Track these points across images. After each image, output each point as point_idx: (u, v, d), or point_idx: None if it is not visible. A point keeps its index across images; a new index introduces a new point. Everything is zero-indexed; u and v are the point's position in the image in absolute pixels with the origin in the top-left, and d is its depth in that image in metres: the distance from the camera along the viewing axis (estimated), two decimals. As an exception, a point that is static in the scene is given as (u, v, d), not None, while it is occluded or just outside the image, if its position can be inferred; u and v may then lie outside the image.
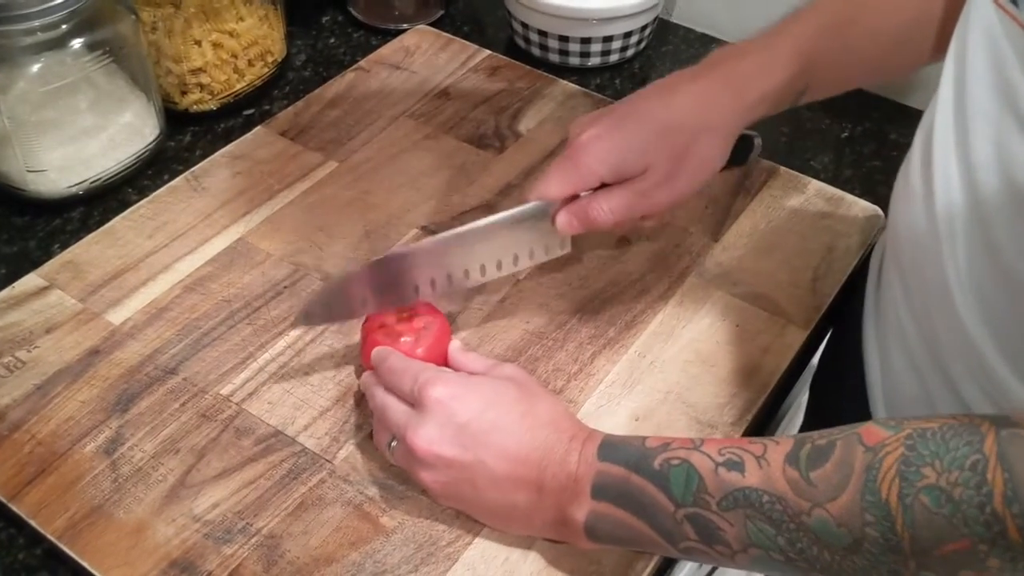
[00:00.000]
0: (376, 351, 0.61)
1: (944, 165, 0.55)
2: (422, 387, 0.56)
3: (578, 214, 0.63)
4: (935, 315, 0.57)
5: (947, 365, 0.57)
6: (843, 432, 0.47)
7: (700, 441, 0.51)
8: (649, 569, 0.57)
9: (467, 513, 0.58)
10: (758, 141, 0.68)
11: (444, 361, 0.64)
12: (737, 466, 0.49)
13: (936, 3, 0.64)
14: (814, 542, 0.46)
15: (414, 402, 0.56)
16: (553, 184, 0.63)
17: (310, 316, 0.64)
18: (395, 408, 0.57)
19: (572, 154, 0.62)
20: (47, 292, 0.71)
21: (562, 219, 0.64)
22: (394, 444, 0.57)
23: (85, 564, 0.56)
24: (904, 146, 0.88)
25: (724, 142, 0.64)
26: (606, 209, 0.63)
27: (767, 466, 0.48)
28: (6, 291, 0.71)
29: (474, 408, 0.55)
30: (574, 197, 0.64)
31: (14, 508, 0.59)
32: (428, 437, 0.54)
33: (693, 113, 0.62)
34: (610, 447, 0.54)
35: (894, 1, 0.66)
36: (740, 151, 0.66)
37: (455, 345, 0.63)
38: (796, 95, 0.66)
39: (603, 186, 0.63)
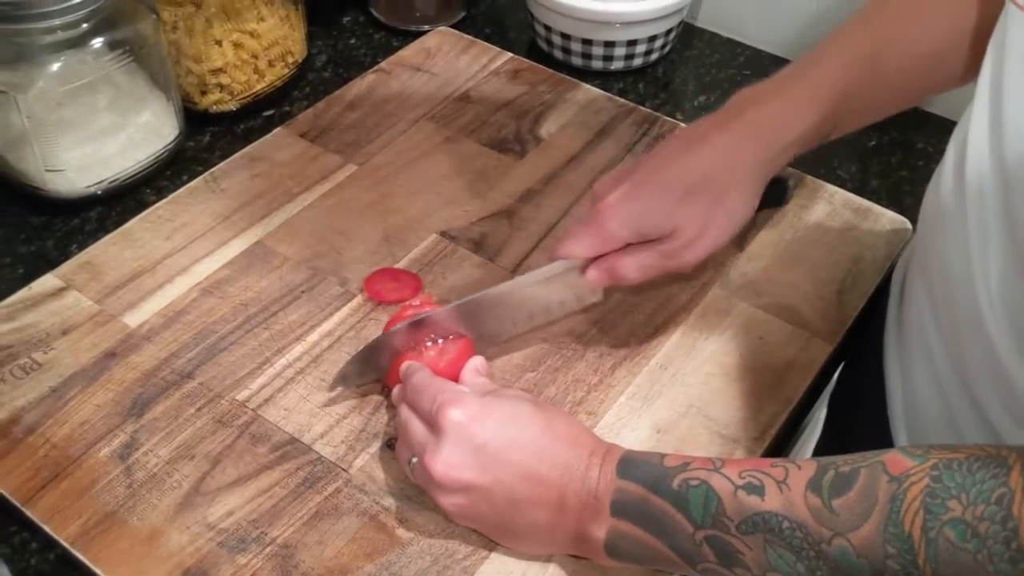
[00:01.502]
0: (405, 365, 0.61)
1: (977, 180, 0.53)
2: (439, 408, 0.55)
3: (607, 270, 0.62)
4: (963, 335, 0.56)
5: (974, 386, 0.56)
6: (867, 460, 0.46)
7: (720, 462, 0.50)
8: (668, 585, 0.57)
9: (487, 535, 0.57)
10: (792, 182, 0.66)
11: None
12: (757, 490, 0.48)
13: (966, 26, 0.62)
14: (834, 571, 0.45)
15: (432, 423, 0.55)
16: (578, 246, 0.62)
17: (346, 378, 0.63)
18: (415, 428, 0.56)
19: (596, 217, 0.61)
20: (64, 293, 0.70)
21: (592, 275, 0.63)
22: (414, 461, 0.56)
23: (98, 571, 0.56)
24: (931, 155, 0.87)
25: (752, 194, 0.62)
26: (635, 267, 0.62)
27: (788, 491, 0.47)
28: (23, 291, 0.71)
29: (491, 428, 0.54)
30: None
31: (28, 512, 0.58)
32: (446, 461, 0.54)
33: (718, 169, 0.60)
34: (629, 464, 0.53)
35: (921, 30, 0.63)
36: (775, 193, 0.64)
37: (473, 364, 0.62)
38: (823, 137, 0.64)
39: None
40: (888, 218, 0.78)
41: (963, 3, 0.62)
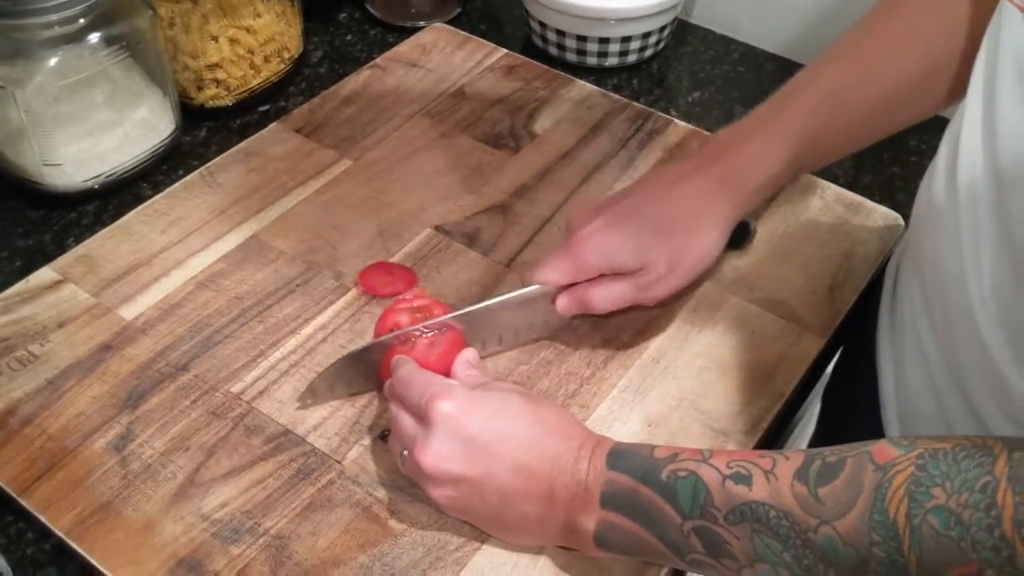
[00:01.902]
0: (394, 359, 0.61)
1: (970, 178, 0.54)
2: (428, 401, 0.55)
3: (577, 300, 0.64)
4: (955, 331, 0.56)
5: (966, 383, 0.56)
6: (854, 450, 0.46)
7: (709, 453, 0.51)
8: (663, 574, 0.57)
9: (477, 526, 0.57)
10: (754, 227, 0.69)
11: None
12: (745, 480, 0.48)
13: (952, 50, 0.62)
14: (820, 559, 0.45)
15: (421, 416, 0.56)
16: (553, 273, 0.64)
17: (315, 393, 0.64)
18: (405, 421, 0.57)
19: (572, 247, 0.63)
20: (61, 286, 0.71)
21: (562, 303, 0.65)
22: (405, 454, 0.56)
23: (93, 561, 0.56)
24: (924, 152, 0.88)
25: (722, 235, 0.64)
26: (604, 298, 0.64)
27: (775, 481, 0.47)
28: (20, 284, 0.71)
29: (480, 420, 0.54)
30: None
31: (24, 503, 0.59)
32: (435, 454, 0.54)
33: (691, 211, 0.63)
34: (619, 456, 0.53)
35: (899, 58, 0.63)
36: (738, 235, 0.67)
37: (464, 357, 0.63)
38: (793, 177, 0.66)
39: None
40: (880, 213, 0.79)
41: (950, 24, 0.62)
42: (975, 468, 0.41)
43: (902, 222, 0.78)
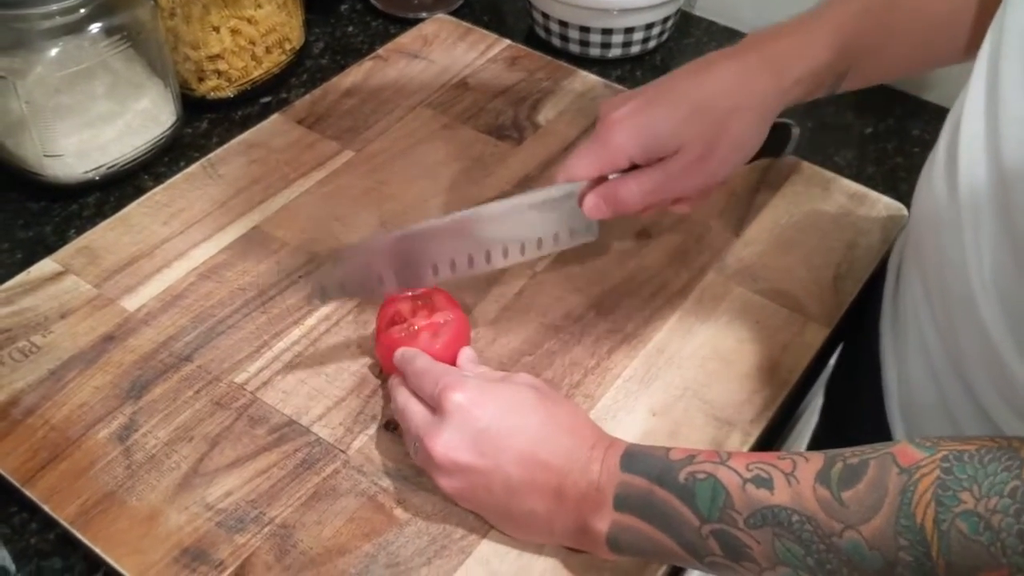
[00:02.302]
0: (402, 351, 0.60)
1: (970, 166, 0.53)
2: (443, 391, 0.55)
3: (607, 196, 0.61)
4: (957, 321, 0.56)
5: (967, 372, 0.56)
6: (876, 451, 0.45)
7: (727, 455, 0.50)
8: (663, 570, 0.57)
9: (486, 519, 0.57)
10: (796, 131, 0.65)
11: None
12: (765, 483, 0.47)
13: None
14: (844, 564, 0.44)
15: (435, 406, 0.55)
16: (582, 164, 0.61)
17: (324, 290, 0.62)
18: (416, 411, 0.57)
19: (602, 133, 0.61)
20: (62, 277, 0.71)
21: (590, 201, 0.62)
22: (417, 444, 0.56)
23: (97, 550, 0.56)
24: (927, 143, 0.88)
25: (760, 123, 0.62)
26: (636, 191, 0.61)
27: (796, 484, 0.46)
28: (21, 276, 0.71)
29: (493, 413, 0.54)
30: (603, 180, 0.62)
31: (27, 493, 0.59)
32: (446, 443, 0.54)
33: (728, 92, 0.60)
34: (633, 457, 0.52)
35: None
36: (777, 141, 0.64)
37: (466, 356, 0.62)
38: (835, 78, 0.63)
39: (633, 168, 0.62)
40: (884, 204, 0.79)
41: None
42: (1003, 472, 0.41)
43: (906, 212, 0.78)
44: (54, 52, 0.74)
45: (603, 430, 0.56)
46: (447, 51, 0.92)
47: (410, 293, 0.66)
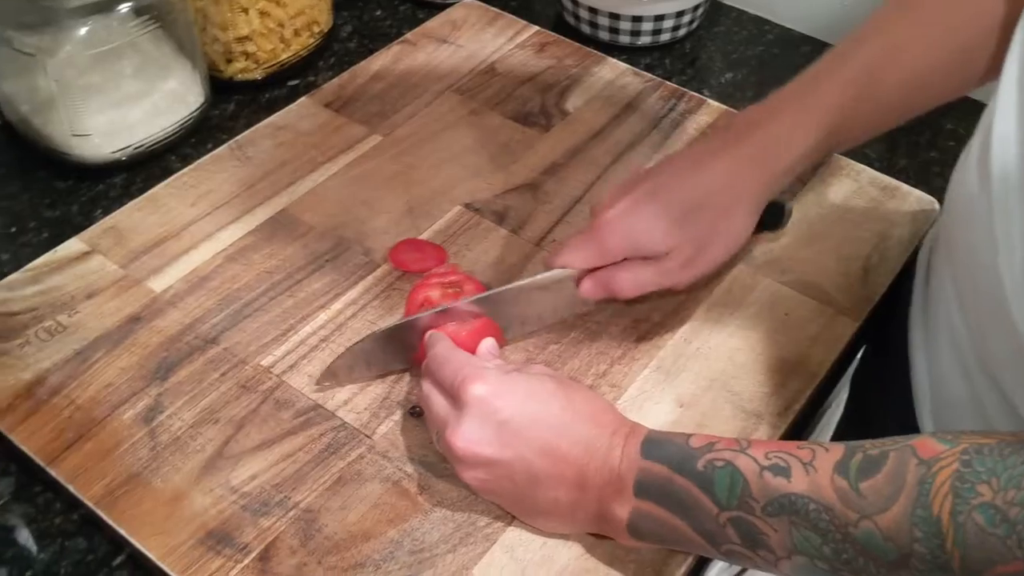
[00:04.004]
0: (429, 336, 0.60)
1: (1003, 163, 0.52)
2: (462, 383, 0.54)
3: (603, 284, 0.63)
4: (987, 319, 0.55)
5: (998, 371, 0.55)
6: (896, 443, 0.45)
7: (746, 443, 0.50)
8: (688, 561, 0.56)
9: (509, 511, 0.57)
10: (790, 207, 0.66)
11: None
12: (783, 471, 0.47)
13: (986, 29, 0.60)
14: (860, 553, 0.44)
15: (454, 397, 0.55)
16: (576, 257, 0.63)
17: (335, 375, 0.63)
18: (437, 402, 0.56)
19: (596, 230, 0.62)
20: (89, 257, 0.71)
21: (586, 287, 0.63)
22: (438, 435, 0.56)
23: (122, 531, 0.56)
24: (961, 137, 0.86)
25: (751, 216, 0.62)
26: (630, 283, 0.62)
27: (815, 473, 0.46)
28: (48, 255, 0.71)
29: (513, 404, 0.54)
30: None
31: (52, 473, 0.59)
32: (466, 436, 0.53)
33: (720, 192, 0.61)
34: (653, 444, 0.52)
35: (929, 37, 0.62)
36: (772, 216, 0.64)
37: (486, 347, 0.61)
38: (824, 155, 0.64)
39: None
40: (916, 197, 0.78)
41: (983, 3, 0.60)
42: (1022, 465, 0.41)
43: (937, 206, 0.77)
44: (83, 31, 0.74)
45: (624, 416, 0.56)
46: (475, 36, 0.92)
47: (442, 280, 0.65)
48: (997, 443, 0.42)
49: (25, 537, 0.58)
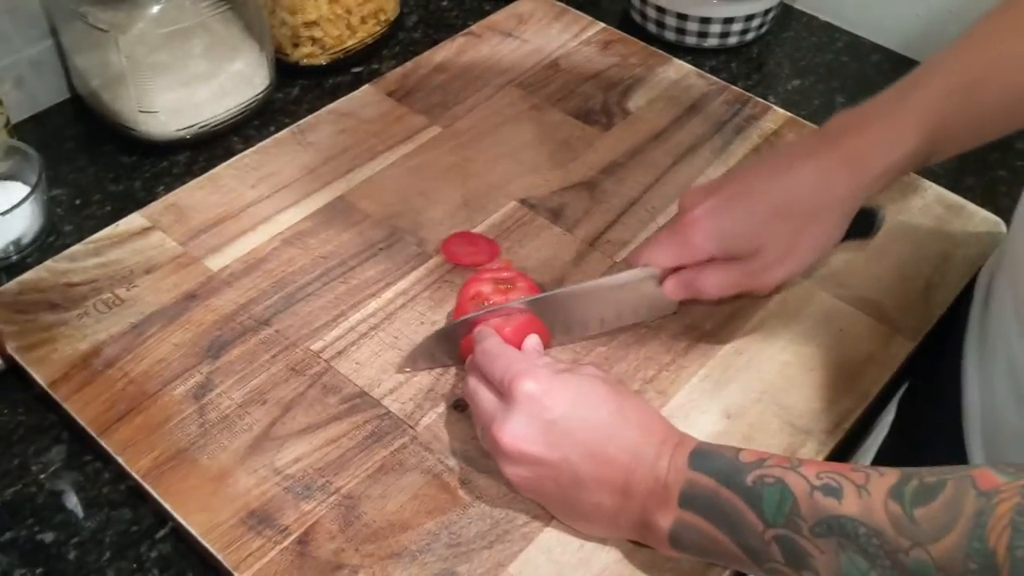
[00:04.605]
0: (477, 331, 0.60)
1: None
2: (512, 379, 0.54)
3: (688, 284, 0.62)
4: None
5: None
6: (955, 472, 0.44)
7: (798, 462, 0.49)
8: (726, 574, 0.56)
9: (549, 510, 0.57)
10: (882, 214, 0.64)
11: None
12: (835, 492, 0.46)
13: None
14: None
15: (504, 392, 0.55)
16: (661, 255, 0.62)
17: (416, 360, 0.64)
18: (484, 396, 0.56)
19: (682, 228, 0.61)
20: (149, 233, 0.72)
21: (670, 286, 0.63)
22: (484, 430, 0.56)
23: (167, 505, 0.57)
24: (1034, 157, 0.84)
25: (841, 221, 0.61)
26: (716, 284, 0.61)
27: (867, 497, 0.45)
28: (109, 228, 0.72)
29: (563, 405, 0.53)
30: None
31: (103, 443, 0.60)
32: (514, 433, 0.53)
33: (810, 193, 0.59)
34: (702, 456, 0.52)
35: None
36: (863, 223, 0.63)
37: (530, 344, 0.61)
38: (918, 165, 0.62)
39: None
40: (981, 217, 0.76)
41: None
42: None
43: (1004, 228, 0.75)
44: (156, 9, 0.75)
45: (673, 426, 0.55)
46: (541, 31, 0.91)
47: (496, 275, 0.65)
48: None
49: (73, 504, 0.59)
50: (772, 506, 0.48)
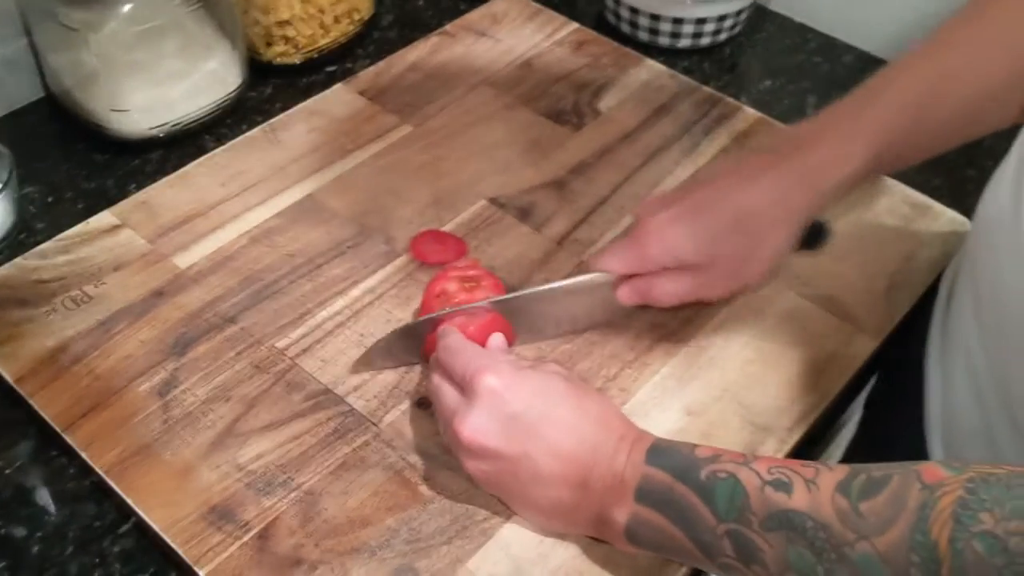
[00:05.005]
0: (441, 329, 0.61)
1: None
2: (474, 374, 0.54)
3: (640, 291, 0.63)
4: (1008, 349, 0.54)
5: (1015, 404, 0.54)
6: (902, 467, 0.45)
7: (751, 457, 0.49)
8: (683, 571, 0.56)
9: (508, 505, 0.57)
10: (829, 227, 0.66)
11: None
12: (785, 487, 0.47)
13: None
14: (854, 575, 0.44)
15: (465, 387, 0.56)
16: (616, 263, 0.63)
17: (371, 361, 0.64)
18: (447, 392, 0.57)
19: (639, 238, 0.62)
20: (119, 230, 0.72)
21: (623, 293, 0.64)
22: (445, 425, 0.56)
23: (129, 501, 0.58)
24: (1000, 156, 0.85)
25: (793, 234, 0.62)
26: (669, 292, 0.62)
27: (816, 491, 0.46)
28: (80, 226, 0.72)
29: (524, 400, 0.54)
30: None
31: (68, 438, 0.60)
32: (474, 427, 0.54)
33: (764, 209, 0.60)
34: (659, 451, 0.52)
35: (984, 64, 0.61)
36: (812, 236, 0.64)
37: (495, 343, 0.62)
38: (866, 179, 0.63)
39: None
40: (948, 217, 0.77)
41: None
42: None
43: (970, 227, 0.76)
44: (128, 8, 0.75)
45: (632, 423, 0.56)
46: (515, 31, 0.92)
47: (461, 273, 0.66)
48: (1006, 473, 0.41)
49: (39, 498, 0.60)
50: (724, 501, 0.48)
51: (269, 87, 0.87)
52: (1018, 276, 0.52)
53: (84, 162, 0.80)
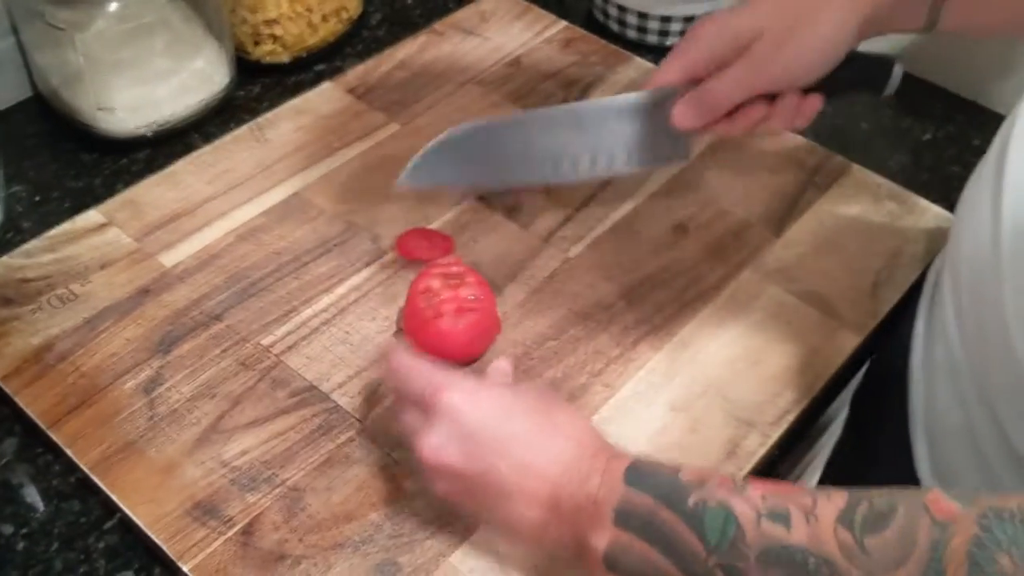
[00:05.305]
0: (386, 345, 0.59)
1: (1016, 183, 0.51)
2: (434, 392, 0.52)
3: (695, 100, 0.61)
4: (988, 346, 0.54)
5: (995, 402, 0.54)
6: (906, 497, 0.42)
7: (743, 484, 0.46)
8: None
9: (484, 522, 0.56)
10: (899, 67, 0.62)
11: (480, 341, 0.64)
12: (782, 519, 0.44)
13: None
14: None
15: (425, 406, 0.52)
16: (669, 66, 0.62)
17: (417, 174, 0.63)
18: (407, 412, 0.54)
19: (687, 34, 0.62)
20: (105, 229, 0.72)
21: (679, 110, 0.62)
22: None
23: (114, 497, 0.58)
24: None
25: (846, 19, 0.59)
26: (721, 87, 0.61)
27: (816, 523, 0.43)
28: (67, 224, 0.73)
29: (486, 414, 0.51)
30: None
31: (53, 436, 0.60)
32: (434, 445, 0.51)
33: None
34: (639, 472, 0.49)
35: None
36: (878, 75, 0.61)
37: (498, 366, 0.58)
38: (928, 10, 0.60)
39: None
40: (934, 213, 0.77)
41: None
42: None
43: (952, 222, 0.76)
44: (114, 6, 0.76)
45: (606, 440, 0.52)
46: (503, 29, 0.92)
47: (445, 270, 0.66)
48: (1018, 507, 0.39)
49: (25, 496, 0.60)
50: (715, 531, 0.45)
51: (257, 86, 0.87)
52: (994, 278, 0.52)
53: (71, 161, 0.80)
